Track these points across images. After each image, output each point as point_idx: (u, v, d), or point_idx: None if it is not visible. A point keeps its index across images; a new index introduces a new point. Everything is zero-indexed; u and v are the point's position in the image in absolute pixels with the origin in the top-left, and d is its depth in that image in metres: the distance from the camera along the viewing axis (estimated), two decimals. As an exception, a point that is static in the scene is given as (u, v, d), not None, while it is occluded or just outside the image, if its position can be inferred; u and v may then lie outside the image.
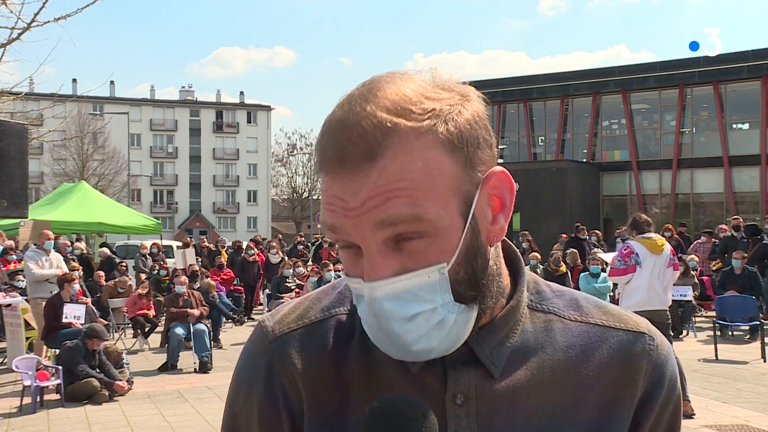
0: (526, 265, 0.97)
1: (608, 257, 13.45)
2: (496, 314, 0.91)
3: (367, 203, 0.79)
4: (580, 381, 0.92)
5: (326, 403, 0.91)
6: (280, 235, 26.05)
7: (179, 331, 10.18)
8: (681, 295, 11.95)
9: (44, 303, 9.53)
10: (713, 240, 15.59)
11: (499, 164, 0.88)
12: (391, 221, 0.79)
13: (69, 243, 16.17)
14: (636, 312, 0.88)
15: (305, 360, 0.92)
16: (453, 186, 0.81)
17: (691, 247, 15.49)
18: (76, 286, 9.60)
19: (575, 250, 14.71)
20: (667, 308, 7.30)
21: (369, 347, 0.90)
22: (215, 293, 12.18)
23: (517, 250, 0.98)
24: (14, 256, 12.90)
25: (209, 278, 12.75)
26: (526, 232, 19.05)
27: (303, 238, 21.82)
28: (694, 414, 7.02)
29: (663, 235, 14.98)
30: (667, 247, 7.35)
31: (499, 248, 0.93)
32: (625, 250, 7.29)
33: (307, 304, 0.98)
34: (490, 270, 0.87)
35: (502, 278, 0.92)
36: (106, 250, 16.87)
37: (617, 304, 7.47)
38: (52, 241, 10.47)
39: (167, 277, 14.39)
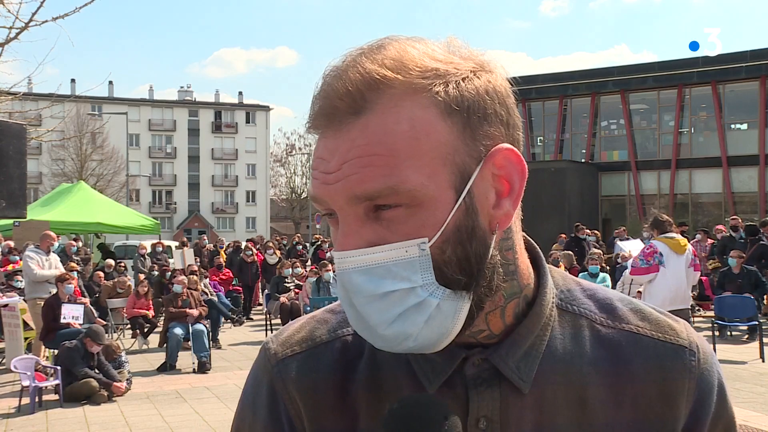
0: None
1: (630, 245, 13.43)
2: (510, 321, 0.82)
3: (343, 168, 0.73)
4: (611, 399, 0.82)
5: None
6: (278, 236, 26.00)
7: (178, 331, 10.16)
8: (680, 295, 11.96)
9: (42, 303, 9.52)
10: (708, 239, 15.59)
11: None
12: (366, 197, 0.73)
13: (73, 243, 16.18)
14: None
15: (309, 385, 0.86)
16: (443, 154, 0.73)
17: (689, 247, 15.50)
18: (70, 287, 9.55)
19: (570, 252, 14.70)
20: (689, 307, 7.40)
21: (378, 368, 0.85)
22: (196, 285, 11.97)
23: (537, 246, 0.89)
24: (16, 257, 12.90)
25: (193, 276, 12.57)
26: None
27: (301, 238, 21.83)
28: None
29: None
30: (689, 248, 7.45)
31: (515, 241, 0.82)
32: (648, 249, 7.34)
33: (313, 324, 0.92)
34: (491, 259, 0.77)
35: (517, 275, 0.82)
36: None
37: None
38: (56, 243, 10.41)
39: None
